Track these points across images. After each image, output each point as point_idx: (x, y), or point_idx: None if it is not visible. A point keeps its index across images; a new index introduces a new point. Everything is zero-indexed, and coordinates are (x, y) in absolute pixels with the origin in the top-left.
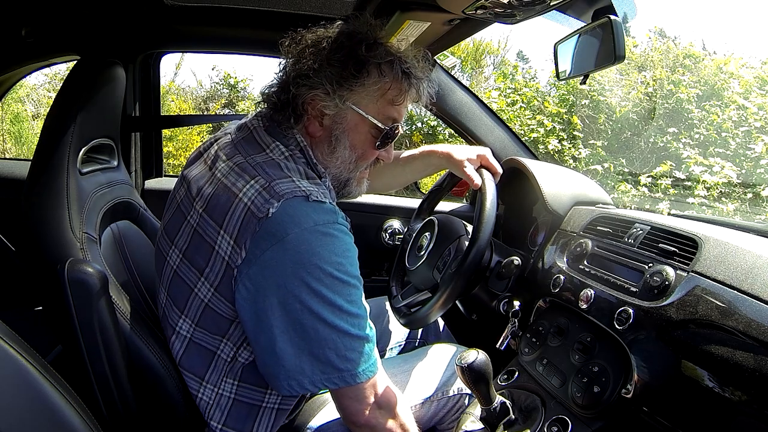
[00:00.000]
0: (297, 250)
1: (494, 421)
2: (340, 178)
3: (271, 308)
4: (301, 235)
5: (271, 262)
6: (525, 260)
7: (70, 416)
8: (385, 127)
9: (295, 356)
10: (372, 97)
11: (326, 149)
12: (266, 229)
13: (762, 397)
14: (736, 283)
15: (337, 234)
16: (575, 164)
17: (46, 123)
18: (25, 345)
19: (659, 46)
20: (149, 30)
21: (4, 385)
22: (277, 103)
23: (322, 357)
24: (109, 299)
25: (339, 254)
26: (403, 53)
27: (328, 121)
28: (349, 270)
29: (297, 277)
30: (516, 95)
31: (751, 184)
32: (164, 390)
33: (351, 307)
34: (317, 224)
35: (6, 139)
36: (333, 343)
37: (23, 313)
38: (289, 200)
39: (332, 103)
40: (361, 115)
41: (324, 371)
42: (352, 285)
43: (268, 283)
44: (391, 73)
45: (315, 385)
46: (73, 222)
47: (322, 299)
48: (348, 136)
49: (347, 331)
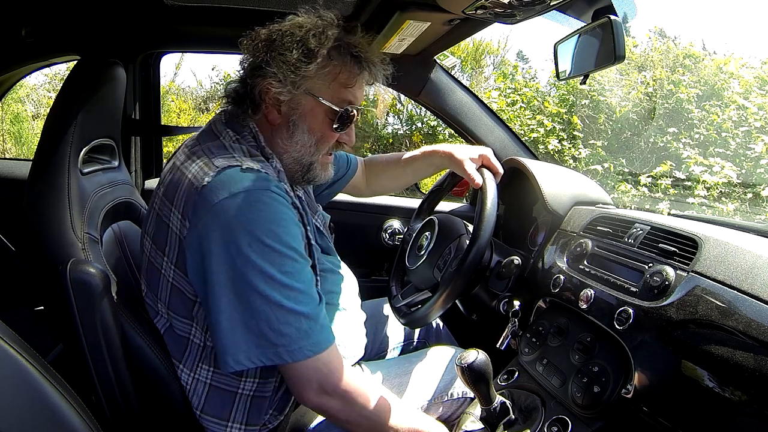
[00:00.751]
0: (227, 216)
1: (494, 421)
2: (302, 161)
3: (211, 276)
4: (231, 201)
5: (206, 229)
6: (525, 260)
7: (70, 416)
8: (339, 109)
9: (231, 329)
10: (324, 81)
11: (285, 134)
12: (203, 198)
13: (762, 397)
14: (736, 283)
15: (269, 201)
16: (575, 164)
17: (46, 123)
18: (25, 345)
19: (659, 46)
20: (149, 30)
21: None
22: (236, 97)
23: (255, 330)
24: (111, 299)
25: (270, 221)
26: (354, 39)
27: (285, 108)
28: (282, 239)
29: (229, 242)
30: (516, 95)
31: (751, 184)
32: (167, 390)
33: (285, 278)
34: (248, 190)
35: (6, 139)
36: (265, 314)
37: (23, 313)
38: (224, 170)
39: (286, 89)
40: (316, 99)
41: (259, 345)
42: (286, 255)
43: (205, 249)
44: (340, 58)
45: (251, 360)
46: (74, 222)
47: (252, 266)
48: (305, 120)
49: (279, 302)
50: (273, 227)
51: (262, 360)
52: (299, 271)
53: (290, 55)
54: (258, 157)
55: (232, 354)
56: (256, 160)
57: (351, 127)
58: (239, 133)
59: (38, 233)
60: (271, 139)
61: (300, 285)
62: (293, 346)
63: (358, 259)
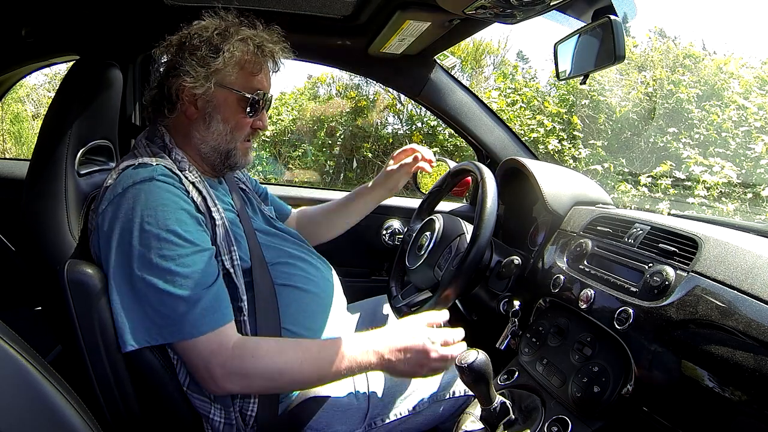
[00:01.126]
0: (118, 208)
1: (494, 421)
2: (220, 149)
3: (108, 267)
4: (122, 195)
5: (104, 222)
6: (525, 260)
7: (70, 416)
8: (250, 96)
9: (122, 310)
10: (232, 72)
11: (203, 126)
12: (104, 196)
13: (762, 397)
14: (736, 283)
15: (153, 189)
16: (575, 164)
17: (44, 124)
18: (25, 345)
19: (659, 46)
20: (149, 30)
21: (4, 385)
22: (153, 102)
23: (141, 311)
24: (109, 300)
25: (150, 207)
26: (255, 32)
27: (201, 102)
28: (161, 223)
29: (117, 232)
30: (516, 95)
31: (751, 184)
32: (165, 390)
33: (162, 262)
34: (135, 182)
35: (6, 139)
36: (146, 297)
37: (23, 313)
38: (124, 170)
39: (198, 83)
40: (228, 90)
41: (145, 326)
42: (164, 239)
43: (102, 241)
44: (244, 48)
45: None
46: (71, 223)
47: (133, 253)
48: (219, 111)
49: (156, 285)
50: (152, 212)
51: (148, 340)
52: (180, 255)
53: (199, 53)
54: (159, 153)
55: (124, 334)
56: (156, 157)
57: (263, 113)
58: (151, 139)
59: (36, 234)
60: (188, 133)
61: (179, 268)
62: (173, 326)
63: (358, 259)
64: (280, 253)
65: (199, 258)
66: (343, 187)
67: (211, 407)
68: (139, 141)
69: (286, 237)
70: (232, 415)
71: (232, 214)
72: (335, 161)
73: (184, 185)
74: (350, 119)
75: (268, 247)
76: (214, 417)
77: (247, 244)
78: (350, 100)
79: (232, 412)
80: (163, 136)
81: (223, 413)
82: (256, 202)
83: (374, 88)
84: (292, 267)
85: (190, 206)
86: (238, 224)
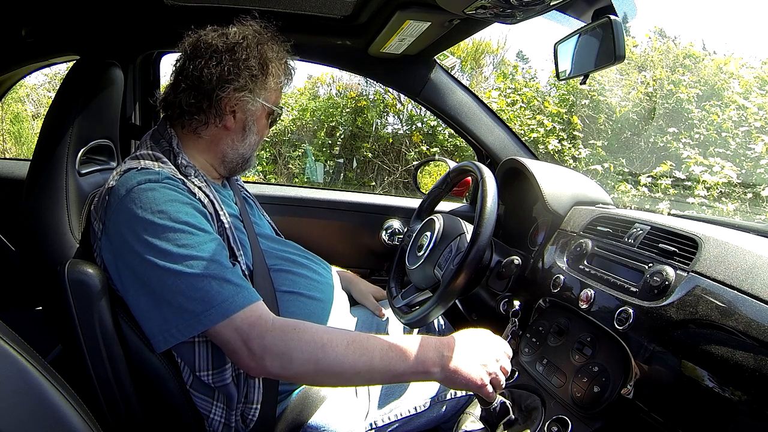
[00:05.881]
0: (126, 210)
1: (494, 421)
2: (246, 156)
3: (124, 269)
4: (127, 197)
5: (112, 226)
6: (525, 260)
7: (71, 416)
8: (277, 109)
9: (154, 310)
10: (272, 89)
11: (240, 137)
12: (109, 200)
13: (762, 397)
14: (736, 283)
15: (159, 188)
16: (575, 164)
17: (44, 124)
18: (25, 345)
19: (659, 46)
20: (149, 30)
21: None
22: (194, 110)
23: (174, 303)
24: (109, 300)
25: (160, 203)
26: (279, 47)
27: (242, 114)
28: (172, 216)
29: (130, 233)
30: (516, 95)
31: (751, 184)
32: (167, 390)
33: (183, 250)
34: (140, 184)
35: (6, 139)
36: (176, 286)
37: (23, 313)
38: (126, 172)
39: (251, 99)
40: (264, 104)
41: (178, 317)
42: (179, 230)
43: (115, 246)
44: (282, 69)
45: (179, 333)
46: (72, 223)
47: (152, 249)
48: (256, 124)
49: (182, 271)
50: (162, 207)
51: (183, 331)
52: (198, 242)
53: (252, 69)
54: (161, 159)
55: (156, 334)
56: (158, 162)
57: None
58: (156, 141)
59: (36, 234)
60: (217, 141)
61: (201, 253)
62: (210, 308)
63: (358, 259)
64: (282, 260)
65: (215, 244)
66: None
67: (212, 407)
68: (144, 142)
69: (288, 243)
70: (233, 418)
71: (237, 219)
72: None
73: (188, 187)
74: (350, 119)
75: (271, 253)
76: (215, 417)
77: (250, 248)
78: (350, 100)
79: (233, 415)
80: (170, 140)
81: (224, 414)
82: (259, 210)
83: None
84: (295, 274)
85: (197, 204)
86: (242, 229)
